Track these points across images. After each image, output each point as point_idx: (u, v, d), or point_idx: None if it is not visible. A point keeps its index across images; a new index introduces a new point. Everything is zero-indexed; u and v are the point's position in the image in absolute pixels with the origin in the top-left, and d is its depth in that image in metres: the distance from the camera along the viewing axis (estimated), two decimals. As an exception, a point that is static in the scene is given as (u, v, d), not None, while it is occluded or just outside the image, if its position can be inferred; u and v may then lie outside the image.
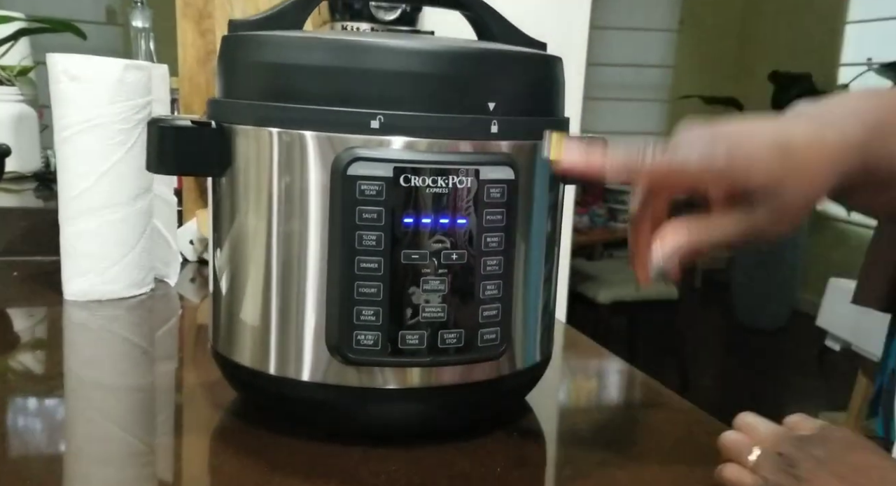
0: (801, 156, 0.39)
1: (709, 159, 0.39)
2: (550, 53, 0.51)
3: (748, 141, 0.39)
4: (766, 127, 0.40)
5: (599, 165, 0.41)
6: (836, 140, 0.40)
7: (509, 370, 0.49)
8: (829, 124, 0.41)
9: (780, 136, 0.39)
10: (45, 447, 0.49)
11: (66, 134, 0.73)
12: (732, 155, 0.39)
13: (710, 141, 0.40)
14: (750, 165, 0.39)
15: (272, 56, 0.46)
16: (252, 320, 0.48)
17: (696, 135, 0.40)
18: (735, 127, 0.40)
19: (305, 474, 0.45)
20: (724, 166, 0.39)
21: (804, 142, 0.39)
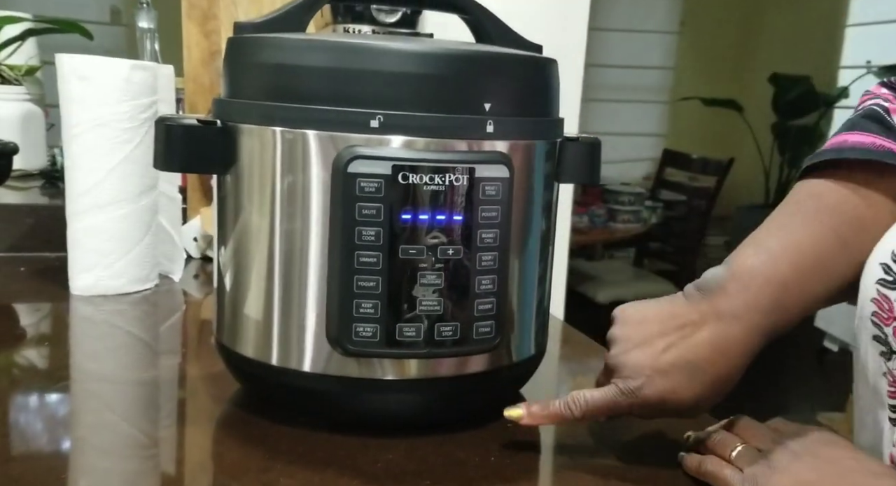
0: (709, 372, 0.44)
1: (629, 399, 0.45)
2: (545, 56, 0.53)
3: (657, 373, 0.44)
4: (669, 351, 0.45)
5: (543, 419, 0.48)
6: (737, 348, 0.44)
7: (504, 363, 0.51)
8: (729, 325, 0.44)
9: (684, 358, 0.44)
10: (50, 439, 0.50)
11: (74, 132, 0.75)
12: (647, 392, 0.45)
13: (627, 377, 0.45)
14: (665, 396, 0.45)
15: (276, 57, 0.47)
16: (255, 313, 0.50)
17: (622, 366, 0.46)
18: (642, 353, 0.45)
19: (306, 461, 0.46)
20: (644, 404, 0.45)
21: (707, 359, 0.44)
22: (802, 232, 0.45)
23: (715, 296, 0.45)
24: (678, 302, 0.47)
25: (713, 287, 0.45)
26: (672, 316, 0.46)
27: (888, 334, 0.40)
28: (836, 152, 0.46)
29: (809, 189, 0.47)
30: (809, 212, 0.46)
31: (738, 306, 0.44)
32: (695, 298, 0.46)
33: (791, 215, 0.47)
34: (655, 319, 0.46)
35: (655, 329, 0.45)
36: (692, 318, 0.45)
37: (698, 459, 0.46)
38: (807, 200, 0.47)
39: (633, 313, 0.47)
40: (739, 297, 0.44)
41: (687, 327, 0.45)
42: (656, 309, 0.47)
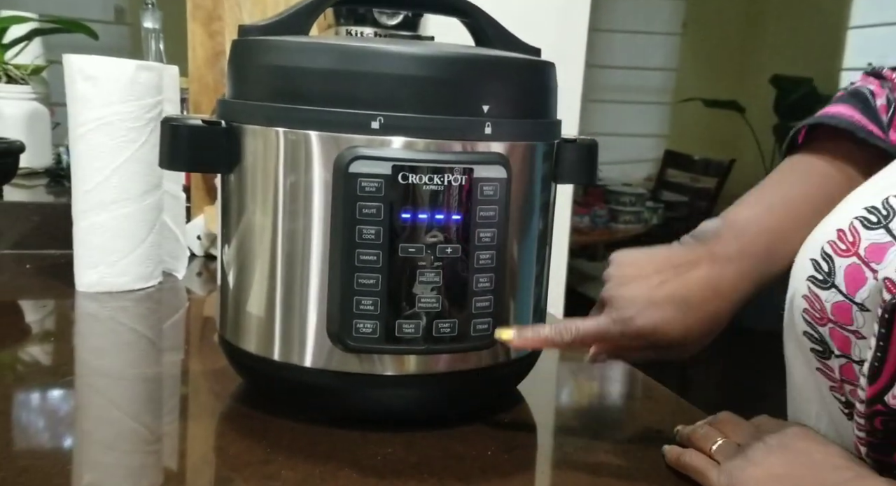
0: (702, 309, 0.46)
1: (620, 327, 0.46)
2: (543, 59, 0.54)
3: (651, 304, 0.46)
4: (664, 286, 0.46)
5: (533, 342, 0.49)
6: (730, 288, 0.46)
7: (501, 359, 0.52)
8: (723, 267, 0.46)
9: (678, 293, 0.46)
10: (55, 433, 0.51)
11: (80, 131, 0.76)
12: (639, 322, 0.46)
13: (621, 307, 0.47)
14: (656, 327, 0.46)
15: (280, 60, 0.48)
16: (257, 309, 0.51)
17: (616, 297, 0.47)
18: (637, 286, 0.47)
19: (306, 455, 0.47)
20: (636, 333, 0.46)
21: (700, 295, 0.46)
22: (796, 189, 0.48)
23: (710, 242, 0.47)
24: (674, 248, 0.48)
25: (709, 235, 0.47)
26: (668, 258, 0.47)
27: (824, 335, 0.41)
28: (817, 118, 0.49)
29: (800, 158, 0.50)
30: (802, 174, 0.49)
31: (732, 251, 0.46)
32: (690, 244, 0.48)
33: (785, 175, 0.50)
34: (651, 259, 0.48)
35: (651, 267, 0.47)
36: (688, 258, 0.47)
37: (678, 451, 0.47)
38: (799, 164, 0.50)
39: (630, 254, 0.49)
40: (734, 242, 0.46)
41: (682, 267, 0.47)
42: (652, 252, 0.49)
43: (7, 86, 1.22)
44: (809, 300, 0.41)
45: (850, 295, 0.38)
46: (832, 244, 0.40)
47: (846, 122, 0.48)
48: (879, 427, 0.38)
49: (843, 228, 0.40)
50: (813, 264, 0.41)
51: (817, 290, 0.40)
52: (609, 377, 0.70)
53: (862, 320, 0.38)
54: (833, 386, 0.42)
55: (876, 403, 0.37)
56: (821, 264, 0.40)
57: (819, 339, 0.41)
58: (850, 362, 0.39)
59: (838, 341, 0.40)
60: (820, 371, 0.42)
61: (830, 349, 0.40)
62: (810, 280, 0.41)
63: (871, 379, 0.37)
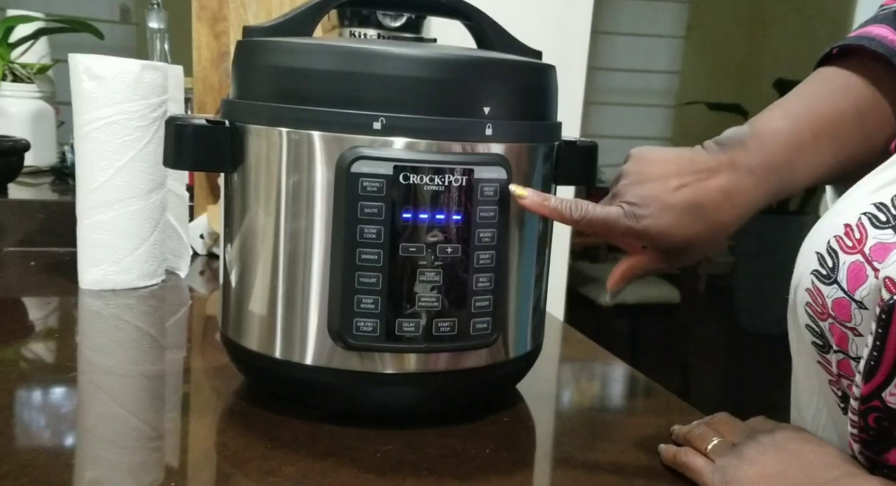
0: (713, 217, 0.46)
1: (630, 222, 0.47)
2: (543, 62, 0.54)
3: (667, 208, 0.46)
4: (682, 190, 0.46)
5: (542, 208, 0.48)
6: (745, 199, 0.46)
7: (500, 358, 0.52)
8: (743, 177, 0.46)
9: (695, 199, 0.46)
10: (58, 429, 0.51)
11: (85, 130, 0.76)
12: (650, 223, 0.46)
13: (635, 204, 0.47)
14: (666, 231, 0.46)
15: (284, 61, 0.49)
16: (259, 307, 0.51)
17: (632, 195, 0.47)
18: (656, 187, 0.46)
19: (307, 451, 0.48)
20: (643, 232, 0.47)
21: (715, 203, 0.46)
22: (827, 102, 0.48)
23: (734, 150, 0.47)
24: (697, 151, 0.48)
25: (734, 143, 0.47)
26: (690, 161, 0.47)
27: (824, 330, 0.41)
28: (858, 39, 0.48)
29: (835, 70, 0.49)
30: (837, 87, 0.48)
31: (754, 162, 0.46)
32: (714, 150, 0.48)
33: (818, 87, 0.49)
34: (673, 161, 0.47)
35: (673, 169, 0.47)
36: (709, 165, 0.47)
37: (674, 450, 0.48)
38: (835, 76, 0.49)
39: (652, 152, 0.49)
40: (758, 154, 0.46)
41: (702, 172, 0.46)
42: (675, 153, 0.48)
43: (13, 84, 1.23)
44: (812, 294, 0.41)
45: (851, 292, 0.38)
46: (838, 240, 0.40)
47: (884, 47, 0.47)
48: (872, 425, 0.38)
49: (851, 224, 0.40)
50: (818, 258, 0.41)
51: (820, 284, 0.41)
52: (608, 377, 0.71)
53: (860, 318, 0.38)
54: (831, 380, 0.42)
55: (871, 400, 0.37)
56: (825, 259, 0.41)
57: (820, 333, 0.41)
58: (847, 359, 0.40)
59: (837, 337, 0.40)
60: (820, 364, 0.43)
61: (830, 344, 0.41)
62: (814, 274, 0.41)
63: (867, 377, 0.37)
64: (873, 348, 0.37)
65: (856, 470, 0.40)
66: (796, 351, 0.45)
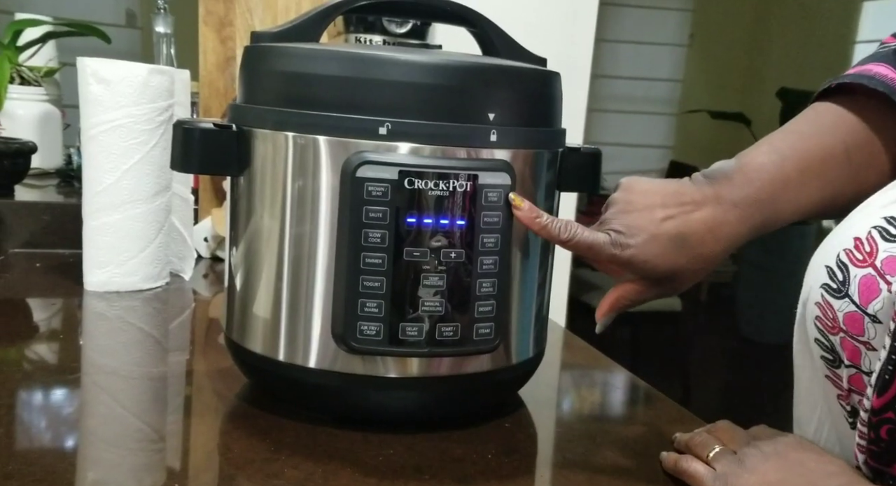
0: (696, 249, 0.48)
1: (615, 251, 0.48)
2: (548, 69, 0.54)
3: (652, 238, 0.47)
4: (668, 222, 0.47)
5: (533, 224, 0.49)
6: (728, 232, 0.47)
7: (503, 364, 0.53)
8: (726, 210, 0.47)
9: (679, 231, 0.47)
10: (61, 431, 0.51)
11: (92, 133, 0.77)
12: (635, 252, 0.47)
13: (621, 232, 0.48)
14: (650, 261, 0.47)
15: (290, 66, 0.49)
16: (263, 310, 0.51)
17: (614, 219, 0.48)
18: (642, 217, 0.48)
19: (309, 454, 0.48)
20: (627, 261, 0.48)
21: (699, 236, 0.47)
22: (815, 140, 0.49)
23: (720, 184, 0.48)
24: (684, 183, 0.49)
25: (719, 176, 0.48)
26: (676, 193, 0.48)
27: (835, 344, 0.41)
28: (857, 77, 0.49)
29: (828, 106, 0.50)
30: (826, 124, 0.49)
31: (738, 196, 0.47)
32: (700, 182, 0.49)
33: (808, 123, 0.50)
34: (660, 192, 0.48)
35: (658, 200, 0.48)
36: (695, 198, 0.48)
37: (675, 457, 0.48)
38: (826, 113, 0.50)
39: (640, 183, 0.50)
40: (742, 189, 0.47)
41: (688, 205, 0.48)
42: (662, 185, 0.49)
43: (20, 87, 1.24)
44: (822, 308, 0.41)
45: (863, 306, 0.38)
46: (848, 253, 0.40)
47: (884, 84, 0.47)
48: (885, 437, 0.38)
49: (861, 237, 0.39)
50: (827, 272, 0.41)
51: (830, 298, 0.40)
52: (610, 384, 0.71)
53: (873, 332, 0.38)
54: (840, 395, 0.42)
55: (884, 412, 0.37)
56: (835, 273, 0.40)
57: (830, 347, 0.41)
58: (860, 373, 0.39)
59: (849, 351, 0.40)
60: (829, 379, 0.42)
61: (840, 359, 0.41)
62: (824, 288, 0.41)
63: (881, 390, 0.37)
64: (887, 361, 0.36)
65: (858, 478, 0.40)
66: (801, 365, 0.45)
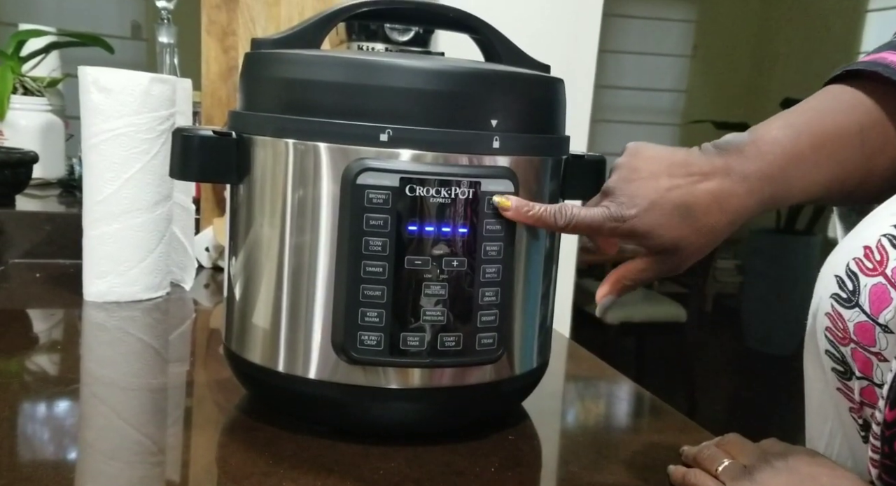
0: (702, 220, 0.45)
1: (615, 224, 0.46)
2: (551, 75, 0.54)
3: (654, 206, 0.45)
4: (673, 191, 0.45)
5: (527, 218, 0.48)
6: (737, 205, 0.46)
7: (506, 375, 0.52)
8: (735, 183, 0.46)
9: (684, 200, 0.45)
10: (59, 443, 0.51)
11: (93, 142, 0.77)
12: (637, 222, 0.45)
13: (622, 203, 0.46)
14: (652, 230, 0.45)
15: (290, 72, 0.49)
16: (263, 320, 0.51)
17: (621, 192, 0.46)
18: (646, 185, 0.46)
19: (308, 467, 0.47)
20: (629, 231, 0.46)
21: (704, 207, 0.45)
22: (830, 117, 0.47)
23: (731, 155, 0.46)
24: (693, 153, 0.47)
25: (731, 148, 0.46)
26: (684, 162, 0.46)
27: (845, 355, 0.40)
28: (875, 66, 0.47)
29: (844, 88, 0.48)
30: (843, 104, 0.47)
31: (749, 169, 0.46)
32: (710, 153, 0.47)
33: (824, 102, 0.48)
34: (667, 160, 0.47)
35: (665, 169, 0.46)
36: (703, 168, 0.46)
37: (683, 471, 0.47)
38: (842, 94, 0.48)
39: (647, 149, 0.48)
40: (754, 161, 0.46)
41: (695, 175, 0.46)
42: (670, 152, 0.47)
43: (23, 97, 1.24)
44: (832, 319, 0.40)
45: (874, 316, 0.37)
46: (858, 262, 0.39)
47: None
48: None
49: (871, 246, 0.39)
50: (837, 281, 0.40)
51: (840, 308, 0.39)
52: (615, 395, 0.70)
53: (885, 342, 0.37)
54: (852, 407, 0.41)
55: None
56: (845, 282, 0.39)
57: (841, 359, 0.40)
58: (872, 385, 0.38)
59: (860, 363, 0.39)
60: (840, 391, 0.41)
61: (852, 370, 0.40)
62: (834, 298, 0.40)
63: (894, 403, 0.36)
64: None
65: None
66: (811, 377, 0.44)
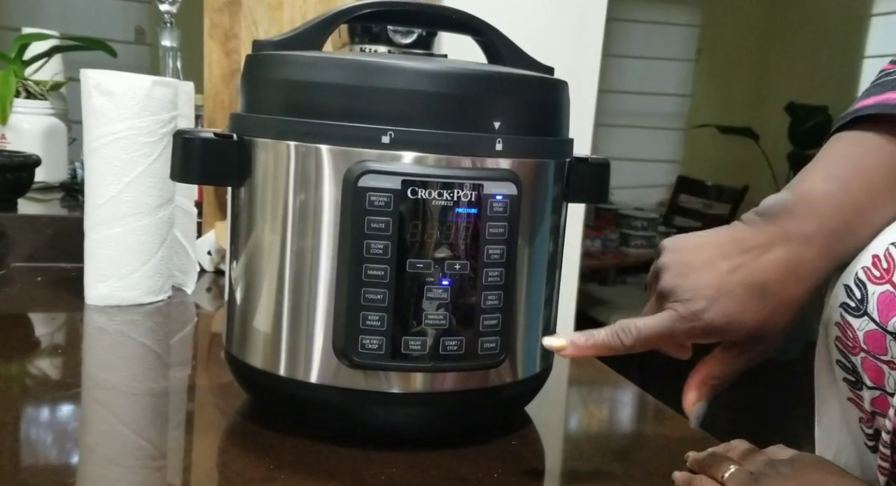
0: (781, 295, 0.41)
1: (689, 325, 0.41)
2: (555, 77, 0.53)
3: (724, 294, 0.41)
4: (737, 272, 0.41)
5: (589, 350, 0.44)
6: (811, 269, 0.41)
7: (509, 379, 0.51)
8: (801, 246, 0.41)
9: (754, 279, 0.41)
10: (59, 447, 0.50)
11: (94, 145, 0.76)
12: (712, 315, 0.41)
13: (687, 301, 0.41)
14: (731, 320, 0.41)
15: (292, 74, 0.48)
16: (264, 324, 0.50)
17: (681, 289, 0.42)
18: (705, 275, 0.41)
19: (309, 472, 0.47)
20: (707, 328, 0.41)
21: (778, 282, 0.41)
22: (869, 159, 0.42)
23: (782, 219, 0.42)
24: (738, 228, 0.43)
25: (779, 211, 0.42)
26: (734, 240, 0.42)
27: (856, 365, 0.39)
28: (882, 108, 0.43)
29: (856, 133, 0.44)
30: (871, 146, 0.43)
31: (809, 229, 0.41)
32: (757, 223, 0.43)
33: (850, 146, 0.44)
34: (714, 243, 0.42)
35: (717, 252, 0.42)
36: (759, 241, 0.42)
37: (688, 477, 0.46)
38: (863, 138, 0.43)
39: (688, 239, 0.44)
40: (811, 220, 0.41)
41: (753, 250, 0.41)
42: (713, 235, 0.43)
43: (26, 101, 1.24)
44: (842, 328, 0.39)
45: (883, 324, 0.37)
46: (866, 270, 0.38)
47: None
48: None
49: (879, 254, 0.38)
50: (846, 291, 0.39)
51: (849, 317, 0.38)
52: (619, 401, 0.69)
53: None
54: (862, 418, 0.40)
55: None
56: (853, 291, 0.38)
57: (851, 369, 0.39)
58: (884, 395, 0.38)
59: (871, 372, 0.38)
60: (851, 402, 0.41)
61: (862, 380, 0.39)
62: (843, 307, 0.39)
63: None
64: None
65: None
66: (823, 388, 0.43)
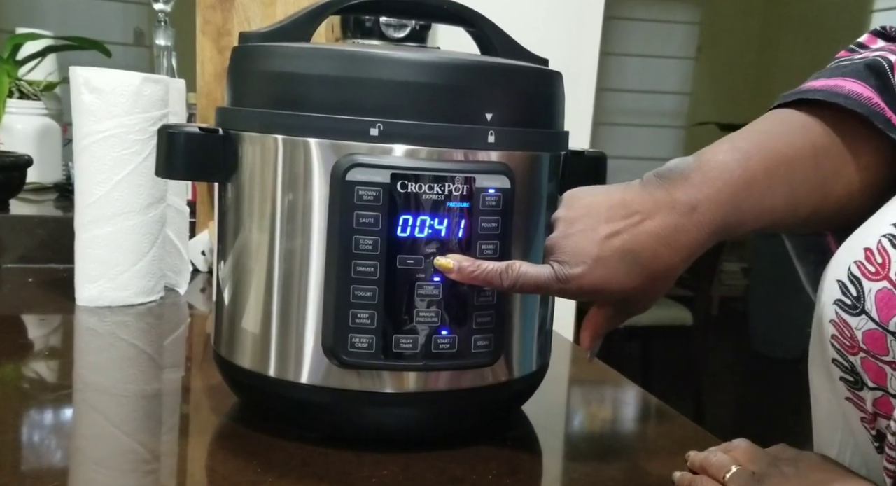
0: (651, 266, 0.43)
1: (561, 285, 0.43)
2: (549, 68, 0.52)
3: (598, 261, 0.43)
4: (613, 239, 0.43)
5: (471, 279, 0.45)
6: (686, 241, 0.42)
7: (503, 378, 0.50)
8: (682, 216, 0.42)
9: (627, 247, 0.43)
10: (50, 450, 0.50)
11: (84, 143, 0.75)
12: (582, 281, 0.43)
13: (564, 262, 0.43)
14: (601, 286, 0.43)
15: (278, 66, 0.47)
16: (253, 323, 0.49)
17: (561, 249, 0.44)
18: (585, 238, 0.43)
19: (299, 475, 0.46)
20: (577, 291, 0.44)
21: (651, 251, 0.42)
22: (782, 140, 0.43)
23: (674, 185, 0.43)
24: (632, 189, 0.44)
25: (675, 176, 0.43)
26: (622, 203, 0.43)
27: (855, 365, 0.37)
28: (829, 95, 0.43)
29: (793, 112, 0.44)
30: (794, 127, 0.43)
31: (696, 198, 0.42)
32: (652, 185, 0.43)
33: (773, 124, 0.44)
34: (604, 204, 0.44)
35: (602, 214, 0.43)
36: (645, 206, 0.43)
37: (689, 478, 0.45)
38: (792, 117, 0.44)
39: (582, 196, 0.45)
40: (701, 188, 0.42)
41: (636, 215, 0.43)
42: (606, 194, 0.44)
43: (19, 101, 1.23)
44: (838, 326, 0.38)
45: (883, 323, 0.35)
46: (860, 265, 0.37)
47: (866, 108, 0.42)
48: None
49: (871, 247, 0.37)
50: (840, 287, 0.38)
51: (846, 316, 0.37)
52: (619, 400, 0.68)
53: None
54: (864, 418, 0.39)
55: None
56: (848, 288, 0.37)
57: (850, 368, 0.38)
58: (886, 395, 0.36)
59: (872, 373, 0.37)
60: (850, 401, 0.40)
61: (863, 380, 0.38)
62: (837, 304, 0.38)
63: None
64: None
65: None
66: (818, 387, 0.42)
